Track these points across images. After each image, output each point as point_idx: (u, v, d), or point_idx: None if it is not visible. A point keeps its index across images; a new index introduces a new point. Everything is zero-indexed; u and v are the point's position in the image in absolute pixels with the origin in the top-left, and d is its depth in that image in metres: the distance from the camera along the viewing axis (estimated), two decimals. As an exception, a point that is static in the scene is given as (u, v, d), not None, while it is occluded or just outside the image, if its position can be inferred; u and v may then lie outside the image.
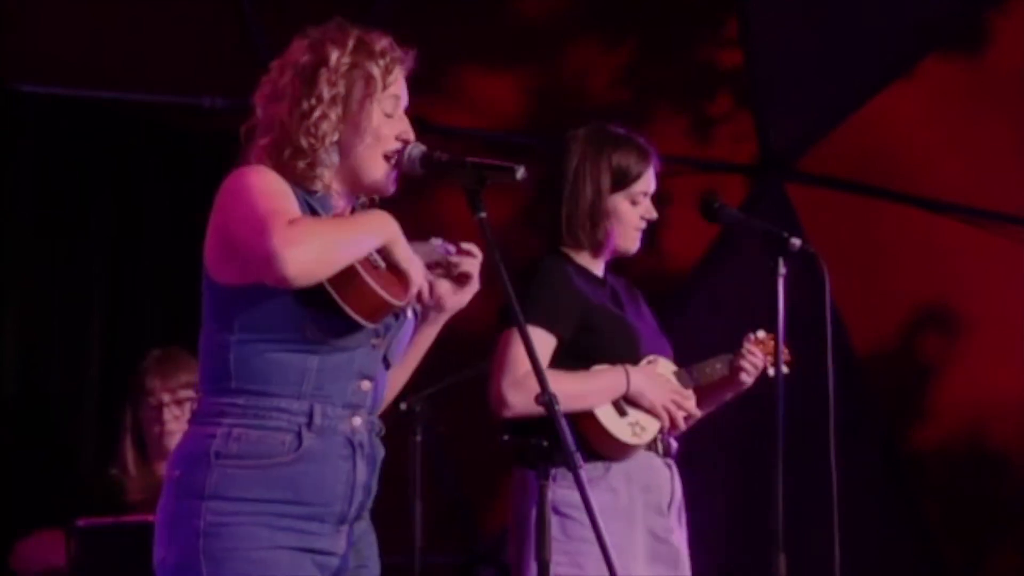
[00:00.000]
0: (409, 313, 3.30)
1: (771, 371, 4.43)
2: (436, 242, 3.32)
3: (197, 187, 6.28)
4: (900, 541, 7.11)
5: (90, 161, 6.20)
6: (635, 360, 4.30)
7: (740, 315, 4.68)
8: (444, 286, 3.31)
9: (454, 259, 3.30)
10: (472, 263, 3.31)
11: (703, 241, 7.07)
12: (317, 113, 3.21)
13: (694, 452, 4.58)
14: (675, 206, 6.90)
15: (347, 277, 3.09)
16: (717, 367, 4.43)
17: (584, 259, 4.38)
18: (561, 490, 3.92)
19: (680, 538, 4.33)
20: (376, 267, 3.15)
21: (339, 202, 3.30)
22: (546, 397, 3.13)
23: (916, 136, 7.00)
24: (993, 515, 7.15)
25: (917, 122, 6.99)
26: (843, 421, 4.15)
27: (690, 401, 4.33)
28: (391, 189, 3.32)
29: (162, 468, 5.35)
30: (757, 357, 4.45)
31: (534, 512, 3.90)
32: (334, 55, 3.24)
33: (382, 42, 3.30)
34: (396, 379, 3.39)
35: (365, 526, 3.29)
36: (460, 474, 6.86)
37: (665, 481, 4.31)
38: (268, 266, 3.00)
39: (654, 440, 4.30)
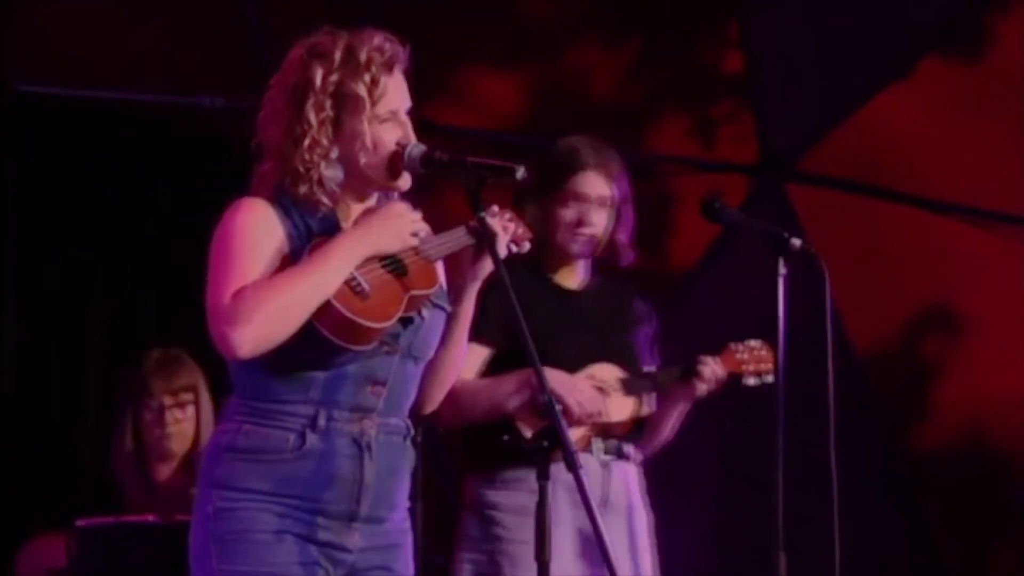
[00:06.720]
0: (425, 313, 3.31)
1: (751, 380, 4.44)
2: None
3: (197, 187, 6.30)
4: (900, 541, 7.10)
5: (90, 161, 6.19)
6: (573, 368, 4.32)
7: (740, 315, 4.68)
8: (466, 259, 3.36)
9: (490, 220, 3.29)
10: (498, 222, 3.34)
11: (703, 241, 7.06)
12: (307, 141, 3.24)
13: (695, 453, 4.57)
14: (675, 206, 6.92)
15: (324, 310, 3.14)
16: (672, 373, 4.43)
17: (553, 270, 4.43)
18: (491, 491, 4.22)
19: (617, 536, 4.31)
20: (358, 292, 3.16)
21: (348, 212, 3.31)
22: (545, 397, 3.13)
23: (916, 136, 6.99)
24: (993, 515, 7.13)
25: (917, 122, 6.98)
26: (843, 421, 4.14)
27: (595, 403, 4.29)
28: (406, 186, 3.34)
29: (161, 469, 5.35)
30: (715, 366, 4.43)
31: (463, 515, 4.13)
32: (319, 75, 3.25)
33: (372, 43, 3.29)
34: (445, 363, 3.43)
35: (396, 529, 3.35)
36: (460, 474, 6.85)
37: (595, 481, 4.31)
38: (221, 348, 3.14)
39: (587, 442, 4.33)
